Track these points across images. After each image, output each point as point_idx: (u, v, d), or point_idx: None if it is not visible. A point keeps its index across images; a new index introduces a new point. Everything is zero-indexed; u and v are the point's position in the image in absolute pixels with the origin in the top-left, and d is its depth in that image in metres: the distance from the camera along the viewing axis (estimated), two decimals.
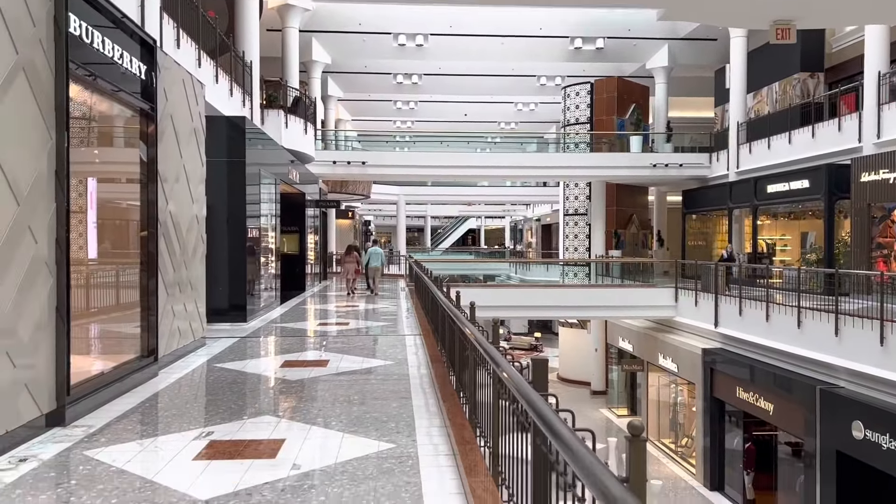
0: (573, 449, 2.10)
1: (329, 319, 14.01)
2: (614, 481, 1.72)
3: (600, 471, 1.86)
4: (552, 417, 2.46)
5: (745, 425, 16.26)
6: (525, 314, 30.01)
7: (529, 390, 2.92)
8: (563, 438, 2.23)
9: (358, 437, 5.49)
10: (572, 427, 2.52)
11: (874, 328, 11.49)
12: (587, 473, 1.89)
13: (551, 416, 2.48)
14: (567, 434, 2.23)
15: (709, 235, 26.53)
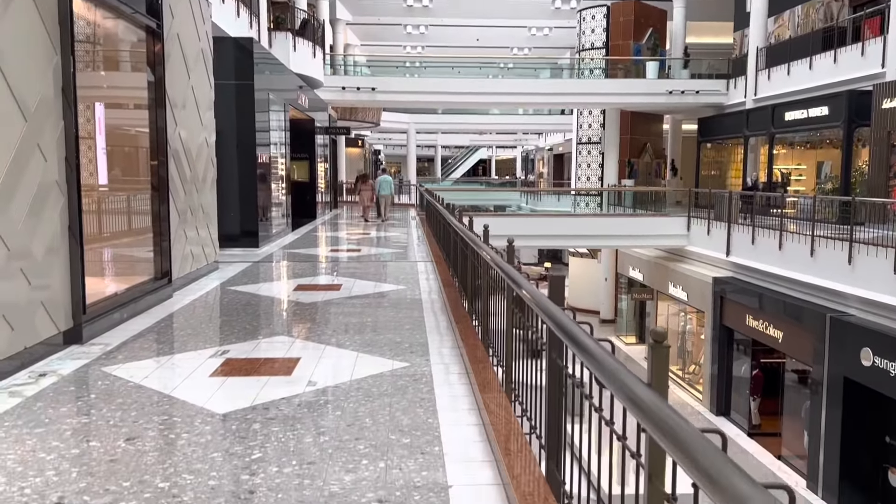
0: (597, 356, 2.08)
1: (341, 246, 14.05)
2: (640, 384, 1.70)
3: (625, 375, 1.84)
4: (574, 327, 2.44)
5: (753, 353, 16.41)
6: (535, 243, 30.00)
7: (549, 303, 2.89)
8: (586, 347, 2.21)
9: (372, 356, 5.54)
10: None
11: (888, 256, 11.41)
12: (613, 379, 1.87)
13: (573, 326, 2.46)
14: (590, 343, 2.21)
15: (723, 165, 26.16)
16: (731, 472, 1.20)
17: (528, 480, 3.11)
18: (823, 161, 21.36)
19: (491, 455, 3.66)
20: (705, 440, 1.35)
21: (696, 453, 1.32)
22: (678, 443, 1.41)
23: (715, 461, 1.26)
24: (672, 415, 1.50)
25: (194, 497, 3.10)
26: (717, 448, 1.31)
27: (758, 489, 1.13)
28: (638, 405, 1.65)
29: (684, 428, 1.43)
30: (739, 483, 1.16)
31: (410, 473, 3.40)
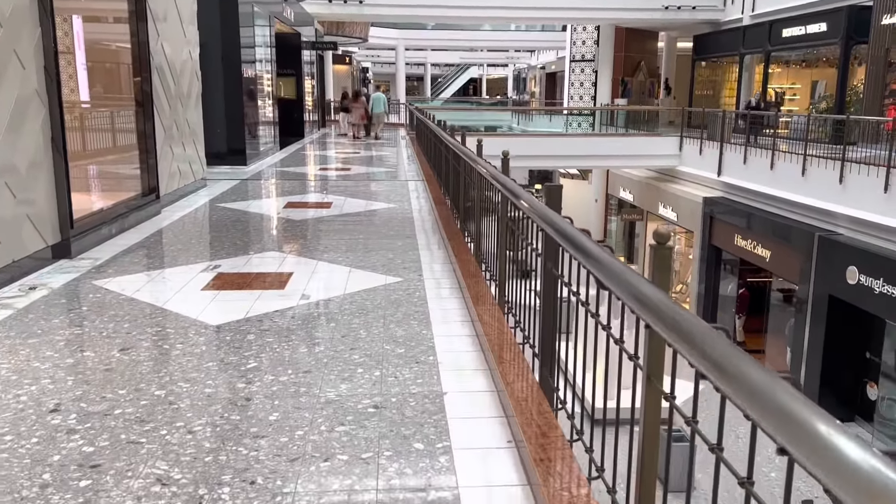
0: (600, 258, 2.05)
1: (330, 165, 13.88)
2: (645, 282, 1.67)
3: (629, 274, 1.82)
4: (575, 232, 2.41)
5: (739, 272, 16.60)
6: (526, 164, 29.67)
7: (548, 210, 2.86)
8: (588, 250, 2.17)
9: (365, 271, 5.53)
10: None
11: (879, 175, 11.40)
12: (617, 279, 1.85)
13: (574, 231, 2.43)
14: (592, 246, 2.18)
15: (717, 84, 25.75)
16: (741, 359, 1.19)
17: (522, 387, 3.15)
18: (818, 80, 21.06)
19: (484, 364, 3.69)
20: (713, 332, 1.33)
21: (704, 344, 1.31)
22: (686, 335, 1.39)
23: (724, 351, 1.24)
24: (678, 309, 1.48)
25: (191, 404, 3.13)
26: (726, 338, 1.29)
27: (768, 374, 1.12)
28: (644, 302, 1.63)
29: (691, 321, 1.41)
30: (750, 369, 1.15)
31: (406, 381, 3.43)
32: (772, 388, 1.08)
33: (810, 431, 0.96)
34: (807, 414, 0.99)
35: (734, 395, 1.16)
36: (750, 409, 1.12)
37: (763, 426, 1.08)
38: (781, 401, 1.04)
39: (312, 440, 2.83)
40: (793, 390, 1.05)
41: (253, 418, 3.00)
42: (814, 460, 0.94)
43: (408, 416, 3.06)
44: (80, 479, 2.51)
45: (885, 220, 11.17)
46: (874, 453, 0.87)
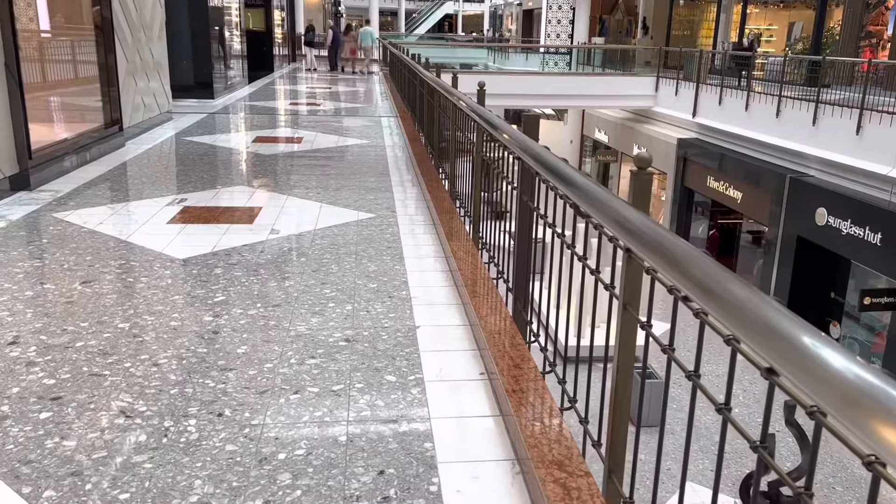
0: (580, 184, 1.98)
1: (301, 100, 13.53)
2: (628, 206, 1.60)
3: (610, 196, 1.75)
4: (554, 159, 2.33)
5: (711, 214, 16.72)
6: (502, 103, 29.26)
7: (526, 138, 2.77)
8: (568, 177, 2.10)
9: (337, 206, 5.43)
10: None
11: (852, 117, 11.41)
12: (599, 204, 1.79)
13: (553, 158, 2.35)
14: (572, 172, 2.11)
15: (695, 24, 25.43)
16: (726, 277, 1.14)
17: (496, 320, 3.12)
18: (795, 22, 20.87)
19: (458, 299, 3.65)
20: (696, 251, 1.28)
21: (688, 264, 1.25)
22: (669, 255, 1.34)
23: (708, 269, 1.19)
24: (661, 229, 1.42)
25: (155, 337, 3.05)
26: (710, 259, 1.23)
27: (753, 291, 1.07)
28: (624, 224, 1.57)
29: (674, 240, 1.35)
30: (734, 287, 1.10)
31: (378, 315, 3.38)
32: (757, 304, 1.03)
33: (796, 344, 0.91)
34: (793, 328, 0.94)
35: (719, 314, 1.12)
36: (735, 328, 1.07)
37: (749, 343, 1.03)
38: (767, 316, 0.99)
39: (282, 373, 2.78)
40: (778, 305, 1.00)
41: (220, 351, 2.94)
42: (800, 376, 0.90)
43: (380, 350, 3.02)
44: (41, 411, 2.43)
45: (855, 162, 11.25)
46: (858, 362, 0.84)
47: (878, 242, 10.47)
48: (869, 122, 11.12)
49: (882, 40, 15.86)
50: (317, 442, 2.32)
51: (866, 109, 11.15)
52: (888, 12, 15.57)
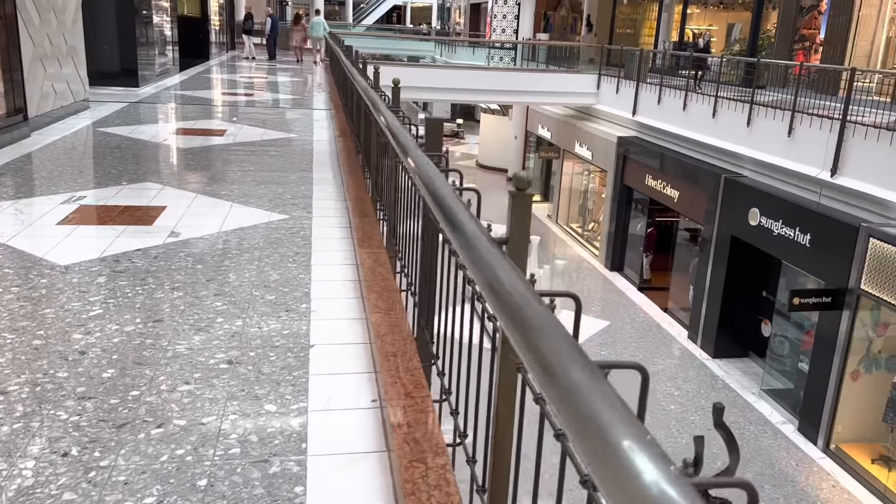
0: (428, 182, 1.73)
1: (233, 89, 13.04)
2: (504, 269, 1.31)
3: (462, 212, 1.51)
4: (421, 158, 2.07)
5: (649, 212, 16.84)
6: (449, 97, 29.10)
7: (401, 130, 2.52)
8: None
9: (249, 207, 5.11)
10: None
11: (785, 119, 11.57)
12: (447, 217, 1.55)
13: (421, 157, 2.09)
14: (435, 175, 1.86)
15: (638, 23, 25.65)
16: (569, 355, 0.91)
17: (394, 340, 2.89)
18: (734, 23, 21.20)
19: (363, 314, 3.41)
20: (552, 323, 1.03)
21: (538, 334, 1.02)
22: (521, 322, 1.10)
23: (555, 345, 0.96)
24: (526, 293, 1.16)
25: (12, 358, 2.72)
26: (561, 333, 1.00)
27: (593, 377, 0.85)
28: (495, 289, 1.26)
29: (532, 307, 1.10)
30: (574, 370, 0.88)
31: (270, 333, 3.12)
32: (593, 393, 0.82)
33: (615, 447, 0.72)
34: (619, 428, 0.74)
35: (552, 399, 0.89)
36: (565, 419, 0.85)
37: (574, 439, 0.82)
38: (598, 410, 0.78)
39: (148, 402, 2.49)
40: (614, 398, 0.79)
41: (83, 376, 2.63)
42: (608, 481, 0.71)
43: (265, 374, 2.76)
44: None
45: (786, 164, 11.40)
46: (669, 476, 0.65)
47: (807, 244, 10.63)
48: (800, 124, 11.28)
49: (815, 44, 16.18)
50: (172, 488, 2.05)
51: (798, 112, 11.30)
52: (820, 17, 15.88)
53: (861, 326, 9.92)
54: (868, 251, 9.49)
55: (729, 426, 5.89)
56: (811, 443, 10.46)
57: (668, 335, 14.28)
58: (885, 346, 10.00)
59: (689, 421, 10.87)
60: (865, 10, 14.93)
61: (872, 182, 9.79)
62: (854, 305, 9.79)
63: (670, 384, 12.25)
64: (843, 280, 9.88)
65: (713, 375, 12.60)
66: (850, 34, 14.80)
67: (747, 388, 12.14)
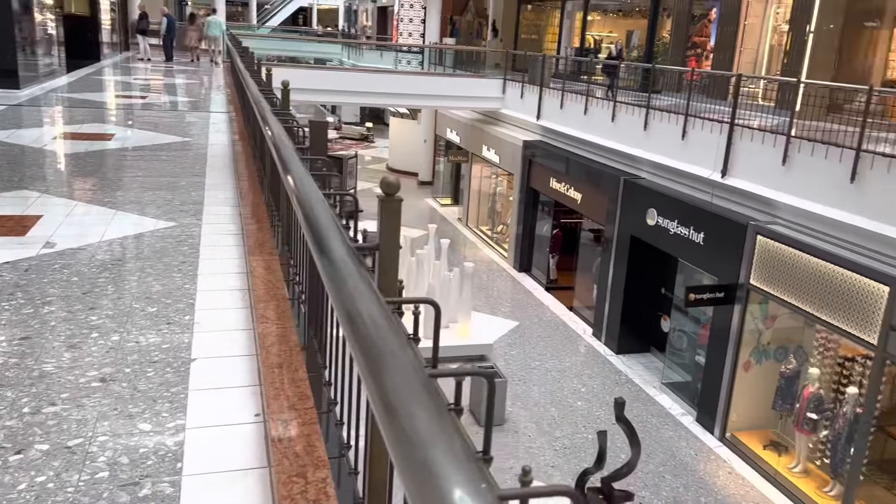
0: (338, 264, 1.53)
1: (125, 92, 12.46)
2: (367, 299, 1.22)
3: (335, 237, 1.45)
4: (299, 176, 2.00)
5: (554, 214, 17.23)
6: (357, 100, 28.87)
7: (285, 145, 2.44)
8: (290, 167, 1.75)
9: (133, 214, 4.87)
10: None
11: (678, 123, 12.07)
12: (306, 209, 1.48)
13: (299, 174, 2.02)
14: (297, 166, 1.77)
15: (541, 29, 26.26)
16: (413, 396, 0.84)
17: (281, 351, 2.80)
18: (633, 30, 22.01)
19: (250, 324, 3.29)
20: (406, 362, 0.96)
21: (386, 369, 0.95)
22: (373, 358, 1.02)
23: (400, 382, 0.89)
24: (384, 323, 1.08)
25: None
26: (413, 367, 0.93)
27: (437, 418, 0.79)
28: (353, 320, 1.19)
29: (382, 342, 1.02)
30: (418, 410, 0.82)
31: (148, 347, 2.96)
32: (434, 440, 0.76)
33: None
34: (454, 477, 0.69)
35: (390, 441, 0.82)
36: (398, 463, 0.78)
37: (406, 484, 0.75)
38: (434, 458, 0.73)
39: (7, 427, 2.31)
40: (460, 444, 0.73)
41: None
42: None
43: (140, 391, 2.61)
44: None
45: (681, 165, 11.89)
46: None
47: (701, 242, 11.12)
48: (693, 127, 11.79)
49: (706, 50, 17.00)
50: None
51: (690, 116, 11.81)
52: (710, 25, 16.70)
53: (751, 319, 10.46)
54: (756, 248, 10.01)
55: (630, 420, 6.06)
56: (708, 432, 10.94)
57: (574, 333, 14.64)
58: (774, 338, 10.57)
59: (595, 416, 11.15)
60: (751, 20, 15.79)
61: (759, 182, 10.34)
62: (745, 300, 10.31)
63: (577, 381, 12.55)
64: (734, 276, 10.39)
65: (617, 371, 12.99)
66: (738, 42, 15.63)
67: (649, 381, 12.59)
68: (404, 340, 1.03)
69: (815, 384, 9.53)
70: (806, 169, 9.56)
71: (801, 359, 10.13)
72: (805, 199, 9.54)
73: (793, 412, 9.95)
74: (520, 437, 10.62)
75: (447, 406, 1.20)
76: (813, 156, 9.36)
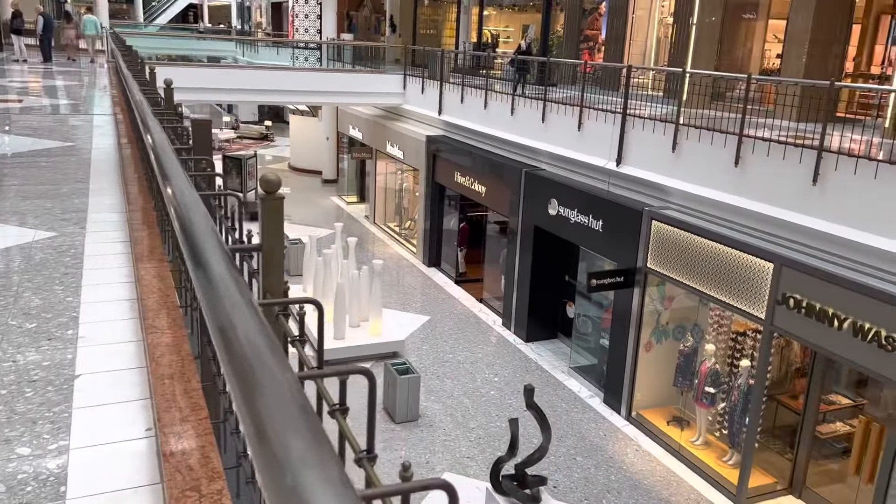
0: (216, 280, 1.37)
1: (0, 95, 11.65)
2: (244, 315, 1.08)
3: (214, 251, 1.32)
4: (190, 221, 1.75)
5: (461, 207, 17.38)
6: (254, 98, 28.08)
7: (166, 152, 2.33)
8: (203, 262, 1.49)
9: (8, 225, 4.55)
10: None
11: (574, 115, 12.40)
12: (183, 221, 1.38)
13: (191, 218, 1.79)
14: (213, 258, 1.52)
15: (439, 24, 26.40)
16: (287, 424, 0.77)
17: (172, 361, 2.67)
18: (529, 24, 22.45)
19: (139, 335, 3.13)
20: (283, 383, 0.87)
21: (261, 392, 0.85)
22: (246, 378, 0.92)
23: (276, 406, 0.81)
24: (260, 341, 0.97)
25: None
26: (290, 393, 0.83)
27: (308, 457, 0.72)
28: (225, 335, 1.07)
29: (255, 352, 0.93)
30: (292, 440, 0.75)
31: (27, 366, 2.77)
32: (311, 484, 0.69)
33: None
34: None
35: (262, 472, 0.75)
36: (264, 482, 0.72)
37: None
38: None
39: None
40: (338, 475, 0.68)
41: None
42: None
43: (19, 412, 2.44)
44: None
45: (578, 156, 12.23)
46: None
47: (600, 229, 11.47)
48: (588, 118, 12.14)
49: (597, 43, 17.55)
50: None
51: (585, 107, 12.15)
52: (601, 18, 17.24)
53: (650, 301, 10.90)
54: (651, 232, 10.43)
55: (541, 405, 6.19)
56: (615, 412, 11.33)
57: (485, 324, 14.83)
58: (672, 318, 11.06)
59: (507, 404, 11.34)
60: (639, 13, 16.41)
61: (652, 169, 10.76)
62: (643, 283, 10.72)
63: (489, 371, 12.73)
64: (632, 260, 10.79)
65: (527, 358, 13.26)
66: (627, 34, 16.21)
67: (557, 367, 12.92)
68: (282, 360, 0.93)
69: (711, 360, 10.04)
70: (694, 155, 10.03)
71: (698, 336, 10.64)
72: (694, 183, 10.01)
73: (692, 388, 10.45)
74: (435, 431, 10.67)
75: (332, 407, 1.17)
76: (700, 142, 9.83)
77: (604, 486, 9.53)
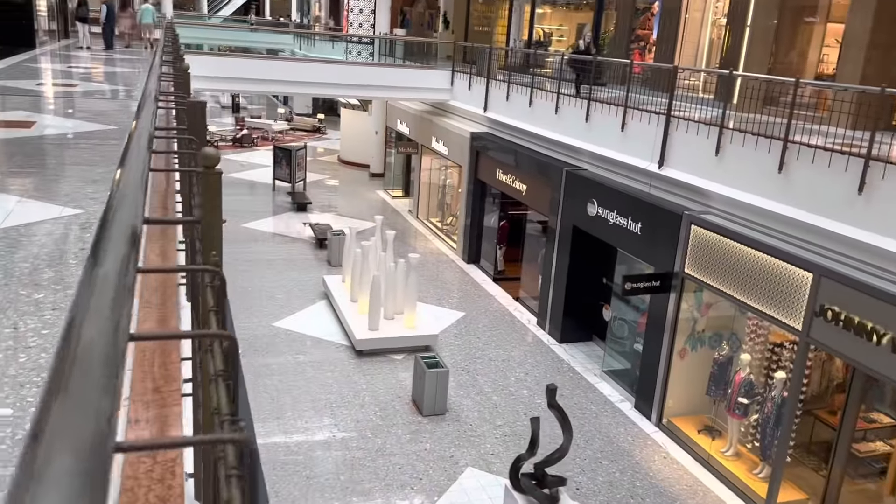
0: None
1: (55, 80, 12.11)
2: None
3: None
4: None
5: (501, 205, 17.33)
6: (307, 90, 28.59)
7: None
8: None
9: (38, 202, 4.72)
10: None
11: (618, 115, 12.22)
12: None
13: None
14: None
15: (492, 21, 26.32)
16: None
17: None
18: (583, 23, 22.21)
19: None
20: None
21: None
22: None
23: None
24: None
25: None
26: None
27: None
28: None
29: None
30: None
31: (26, 333, 2.87)
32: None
33: None
34: None
35: None
36: None
37: None
38: None
39: None
40: None
41: None
42: None
43: (9, 375, 2.53)
44: None
45: (620, 157, 12.05)
46: None
47: (638, 231, 11.29)
48: (632, 119, 11.94)
49: (649, 43, 17.25)
50: None
51: (629, 108, 11.96)
52: (653, 18, 16.94)
53: (686, 307, 10.67)
54: (690, 237, 10.21)
55: (570, 407, 6.15)
56: (646, 418, 11.15)
57: (520, 323, 14.76)
58: (708, 325, 10.80)
59: (536, 404, 11.26)
60: (692, 14, 16.06)
61: (694, 173, 10.53)
62: (679, 288, 10.50)
63: (520, 370, 12.66)
64: (670, 265, 10.58)
65: (560, 359, 13.15)
66: (679, 35, 15.89)
67: (590, 369, 12.77)
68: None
69: (746, 370, 9.78)
70: (737, 160, 9.77)
71: (734, 345, 10.38)
72: (736, 188, 9.76)
73: (725, 397, 10.20)
74: (462, 426, 10.68)
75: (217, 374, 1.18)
76: (744, 147, 9.58)
77: (628, 490, 9.39)
